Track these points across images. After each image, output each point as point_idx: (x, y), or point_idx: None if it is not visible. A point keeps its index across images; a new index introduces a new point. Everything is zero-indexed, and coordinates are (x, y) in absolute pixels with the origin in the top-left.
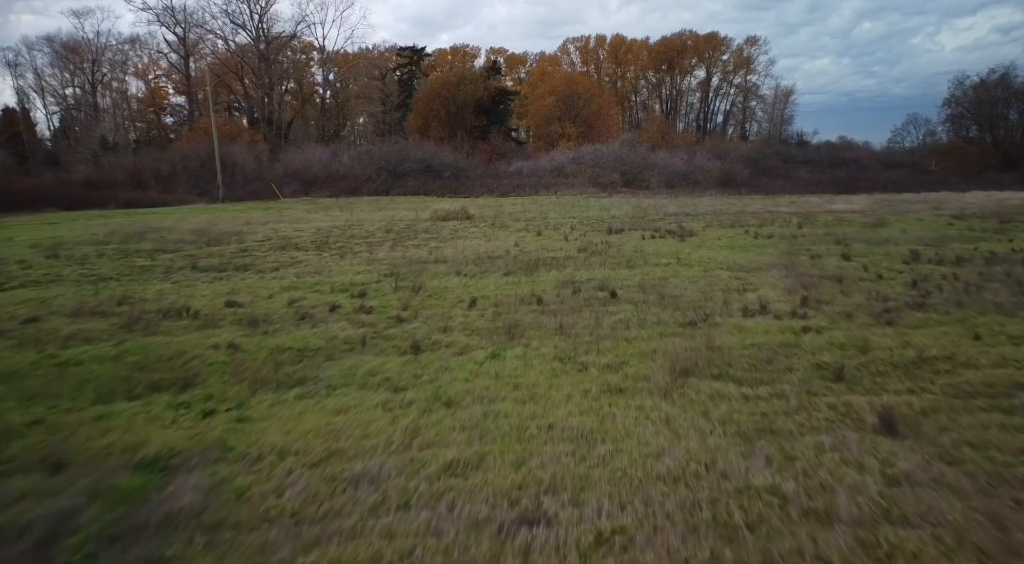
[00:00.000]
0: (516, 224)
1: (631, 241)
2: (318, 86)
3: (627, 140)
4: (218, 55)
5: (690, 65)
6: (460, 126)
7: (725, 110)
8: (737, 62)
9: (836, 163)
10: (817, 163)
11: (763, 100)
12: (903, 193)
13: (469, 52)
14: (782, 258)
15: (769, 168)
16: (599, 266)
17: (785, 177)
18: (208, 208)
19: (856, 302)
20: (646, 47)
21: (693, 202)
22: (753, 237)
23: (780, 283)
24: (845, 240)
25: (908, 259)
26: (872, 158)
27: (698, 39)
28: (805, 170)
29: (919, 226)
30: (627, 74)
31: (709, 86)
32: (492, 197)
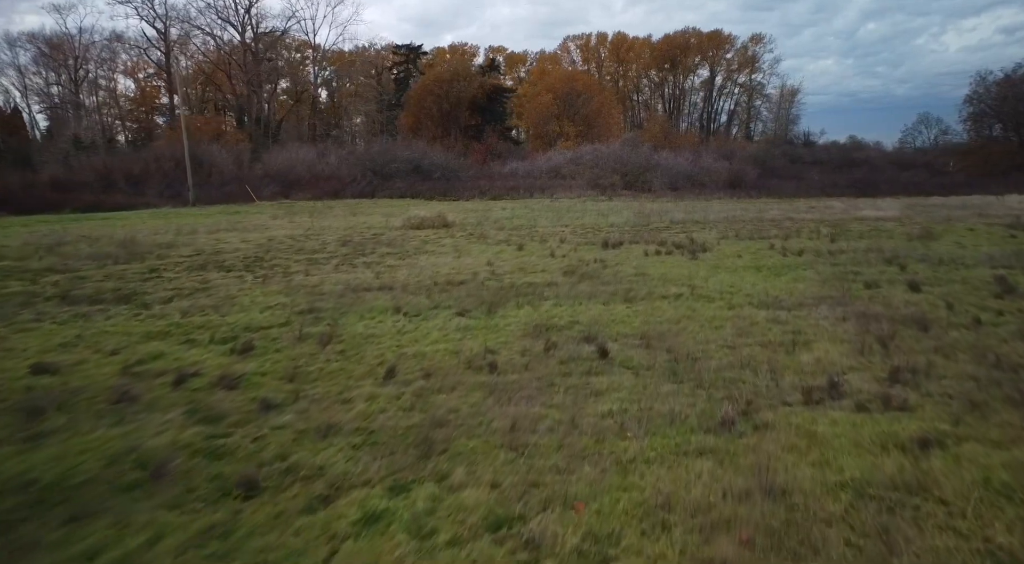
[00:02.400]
0: (498, 234)
1: (631, 259)
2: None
3: (628, 140)
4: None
5: (693, 64)
6: (454, 125)
7: (729, 110)
8: (741, 61)
9: (848, 164)
10: (827, 164)
11: (768, 99)
12: (930, 196)
13: (468, 51)
14: (829, 287)
15: (778, 169)
16: (588, 298)
17: (796, 179)
18: (170, 213)
19: (971, 372)
20: (648, 45)
21: (702, 206)
22: (781, 253)
23: (841, 332)
24: (898, 259)
25: (998, 290)
26: (884, 159)
27: (701, 37)
28: (816, 171)
29: (976, 238)
30: (629, 73)
31: (713, 85)
32: (483, 200)
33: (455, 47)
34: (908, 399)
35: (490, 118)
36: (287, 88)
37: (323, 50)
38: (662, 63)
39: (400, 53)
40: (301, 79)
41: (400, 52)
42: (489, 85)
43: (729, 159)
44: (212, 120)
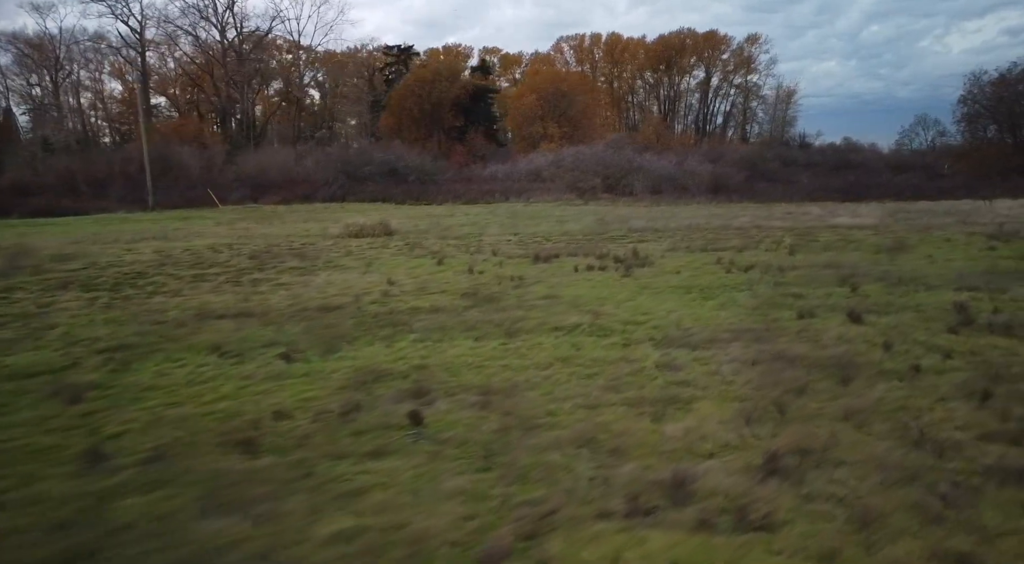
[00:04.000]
0: (434, 245)
1: (554, 277)
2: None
3: (613, 141)
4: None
5: (689, 65)
6: (437, 126)
7: (725, 111)
8: (738, 62)
9: (841, 166)
10: (821, 166)
11: (764, 101)
12: (919, 201)
13: (462, 52)
14: (756, 317)
15: (769, 172)
16: (463, 332)
17: (786, 182)
18: (120, 218)
19: (881, 456)
20: (643, 46)
21: (673, 212)
22: (726, 269)
23: (739, 384)
24: (853, 277)
25: (954, 322)
26: (880, 161)
27: (697, 38)
28: (807, 174)
29: (951, 251)
30: (624, 74)
31: (709, 86)
32: (455, 204)
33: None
34: (777, 509)
35: (475, 119)
36: (279, 89)
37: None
38: (657, 64)
39: (391, 54)
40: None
41: (391, 53)
42: (472, 86)
43: (716, 162)
44: (189, 122)
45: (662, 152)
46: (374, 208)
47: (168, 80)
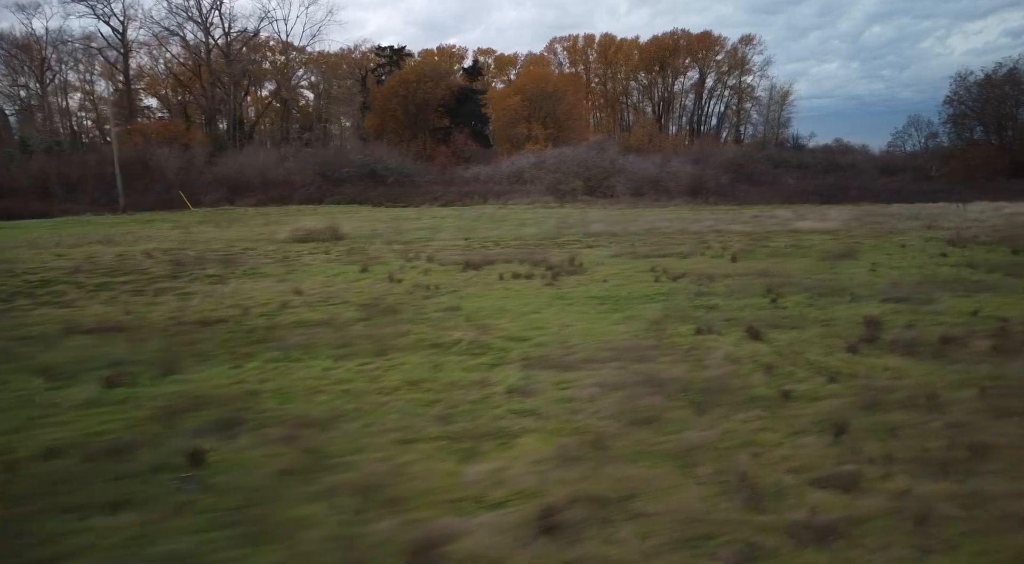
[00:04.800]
0: (377, 250)
1: (471, 287)
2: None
3: (596, 143)
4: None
5: (683, 65)
6: (422, 127)
7: (720, 113)
8: (732, 63)
9: (831, 168)
10: (810, 168)
11: (758, 102)
12: (898, 203)
13: (456, 53)
14: (652, 333)
15: (755, 174)
16: (333, 350)
17: (771, 184)
18: (81, 221)
19: (685, 508)
20: (636, 46)
21: (640, 215)
22: (655, 278)
23: (584, 414)
24: (782, 287)
25: (857, 339)
26: (871, 163)
27: (691, 38)
28: (794, 176)
29: (900, 257)
30: (618, 75)
31: (703, 87)
32: (431, 207)
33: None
34: None
35: (461, 120)
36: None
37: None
38: (651, 65)
39: (383, 55)
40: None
41: (383, 54)
42: (457, 87)
43: (701, 164)
44: (171, 123)
45: (646, 154)
46: (345, 211)
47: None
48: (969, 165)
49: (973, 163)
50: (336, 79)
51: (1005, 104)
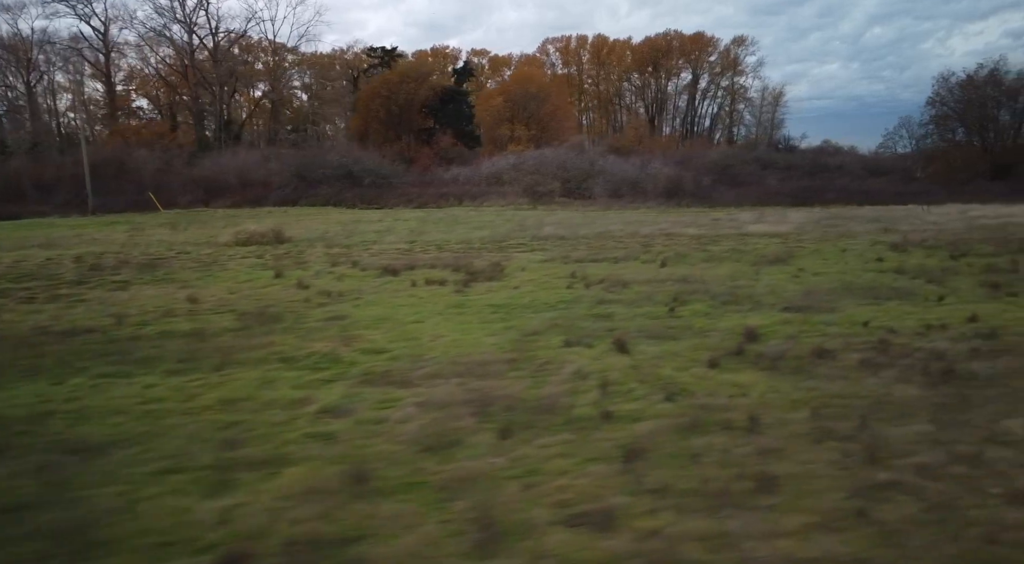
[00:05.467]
0: (311, 254)
1: (375, 293)
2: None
3: (575, 144)
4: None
5: (676, 66)
6: (405, 128)
7: (713, 113)
8: (724, 63)
9: (817, 170)
10: (796, 169)
11: (751, 103)
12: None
13: (450, 53)
14: (520, 344)
15: (741, 175)
16: (174, 364)
17: (752, 185)
18: (42, 223)
19: (414, 551)
20: (629, 47)
21: (602, 218)
22: (568, 285)
23: (382, 439)
24: (689, 295)
25: (727, 351)
26: (859, 164)
27: (684, 39)
28: (777, 177)
29: (833, 262)
30: (611, 76)
31: (696, 88)
32: (404, 209)
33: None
34: None
35: (445, 121)
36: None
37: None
38: (644, 66)
39: (375, 55)
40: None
41: (375, 55)
42: (441, 87)
43: (684, 165)
44: (152, 124)
45: (636, 155)
46: (314, 213)
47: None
48: (951, 167)
49: (955, 165)
50: (327, 80)
51: (987, 105)
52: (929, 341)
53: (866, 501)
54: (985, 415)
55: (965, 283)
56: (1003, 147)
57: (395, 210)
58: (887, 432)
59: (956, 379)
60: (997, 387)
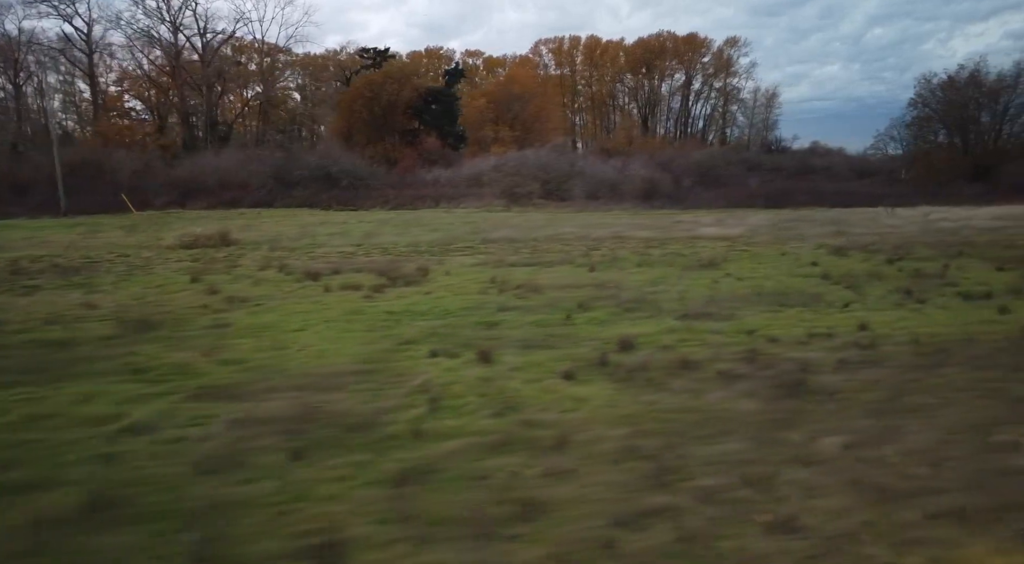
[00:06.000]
0: (250, 257)
1: (282, 300)
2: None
3: (556, 146)
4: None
5: (669, 67)
6: (389, 129)
7: (706, 115)
8: (717, 65)
9: (803, 171)
10: (783, 171)
11: (744, 104)
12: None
13: (444, 55)
14: (389, 353)
15: (722, 177)
16: (11, 375)
17: (732, 187)
18: (7, 226)
19: None
20: (622, 48)
21: (566, 220)
22: (482, 290)
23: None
24: (596, 301)
25: (590, 362)
26: (846, 166)
27: (677, 40)
28: (761, 179)
29: (766, 267)
30: (605, 77)
31: (689, 89)
32: (379, 210)
33: (431, 50)
34: None
35: (431, 122)
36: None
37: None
38: (637, 67)
39: (367, 56)
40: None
41: (366, 56)
42: (424, 88)
43: (666, 167)
44: (135, 124)
45: (617, 156)
46: (288, 214)
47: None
48: (932, 168)
49: (936, 166)
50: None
51: (967, 107)
52: (804, 351)
53: (622, 530)
54: (806, 432)
55: (881, 289)
56: (984, 149)
57: (369, 212)
58: (694, 451)
59: (803, 393)
60: (839, 402)
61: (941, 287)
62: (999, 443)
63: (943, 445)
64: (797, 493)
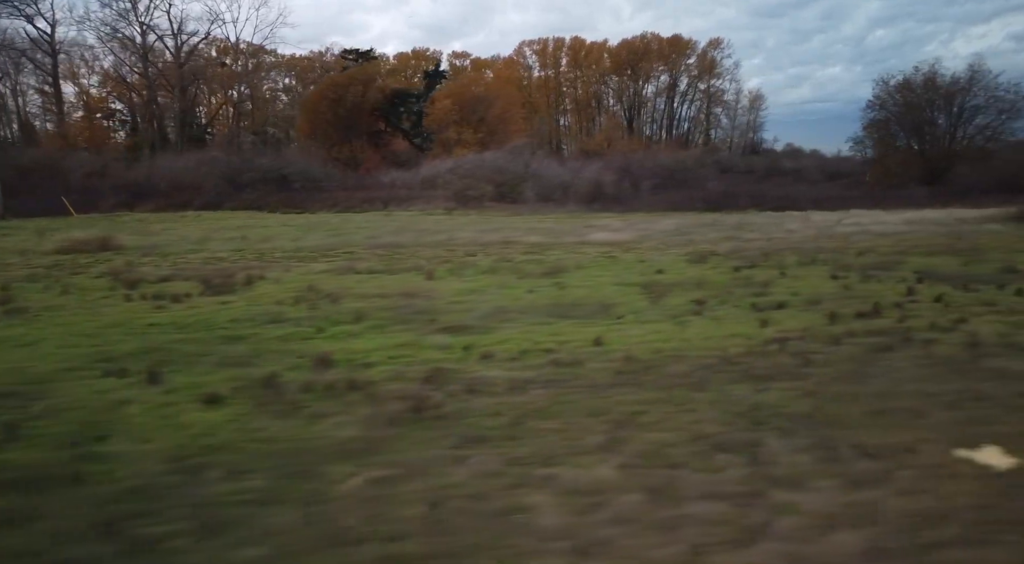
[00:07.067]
0: (110, 263)
1: (63, 311)
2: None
3: (515, 148)
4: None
5: (654, 69)
6: (356, 131)
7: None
8: (701, 66)
9: (772, 174)
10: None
11: (728, 106)
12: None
13: (430, 56)
14: (59, 377)
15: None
16: None
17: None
18: None
19: None
20: (606, 50)
21: (489, 223)
22: (279, 301)
23: None
24: (381, 312)
25: (257, 384)
26: (818, 168)
27: (662, 42)
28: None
29: (609, 274)
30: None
31: (674, 91)
32: (326, 213)
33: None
34: None
35: (397, 124)
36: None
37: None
38: (622, 68)
39: (348, 57)
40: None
41: (349, 57)
42: (390, 90)
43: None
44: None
45: (564, 160)
46: (226, 217)
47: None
48: (889, 171)
49: (892, 169)
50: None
51: (923, 109)
52: (495, 369)
53: None
54: (355, 465)
55: (681, 299)
56: (939, 152)
57: (314, 215)
58: (213, 489)
59: (422, 418)
60: (442, 428)
61: (749, 296)
62: (521, 491)
63: (472, 481)
64: (258, 536)
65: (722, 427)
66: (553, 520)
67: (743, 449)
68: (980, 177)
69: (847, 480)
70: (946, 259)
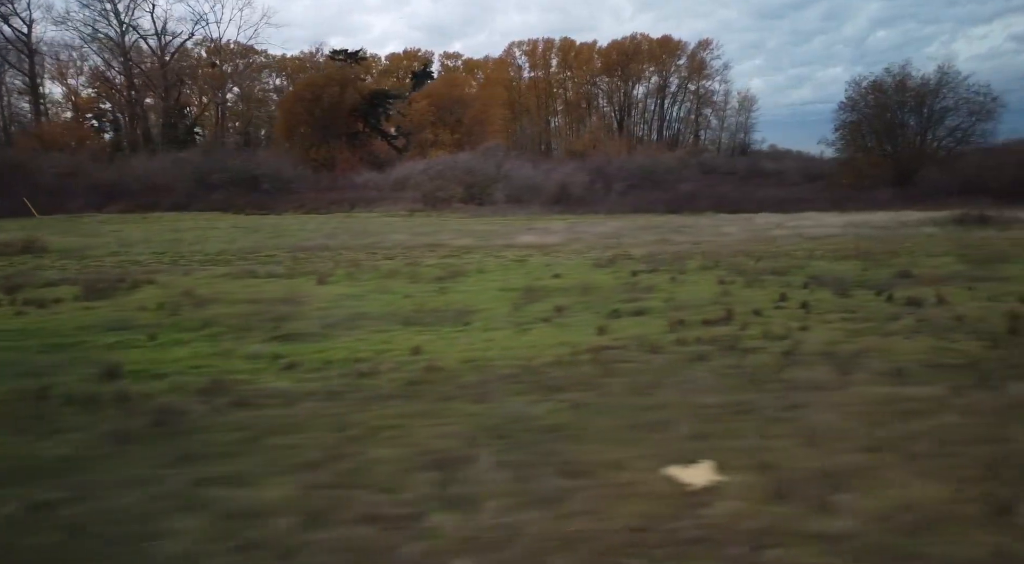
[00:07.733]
0: (22, 267)
1: None
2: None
3: (486, 149)
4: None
5: (645, 70)
6: (333, 132)
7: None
8: (691, 67)
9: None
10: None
11: (717, 107)
12: (720, 213)
13: (421, 57)
14: None
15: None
16: None
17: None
18: None
19: None
20: (596, 51)
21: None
22: (140, 306)
23: None
24: (223, 320)
25: (32, 397)
26: (798, 170)
27: (652, 43)
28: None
29: (503, 278)
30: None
31: (665, 92)
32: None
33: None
34: None
35: (375, 125)
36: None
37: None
38: (613, 70)
39: (337, 58)
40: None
41: (338, 58)
42: (368, 91)
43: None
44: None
45: (536, 162)
46: (188, 218)
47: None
48: (860, 173)
49: (863, 171)
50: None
51: (894, 111)
52: (296, 382)
53: None
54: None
55: (547, 305)
56: (909, 154)
57: (279, 216)
58: None
59: (154, 433)
60: (167, 445)
61: (618, 302)
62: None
63: (139, 503)
64: None
65: (456, 442)
66: (180, 547)
67: (451, 466)
68: (948, 179)
69: (522, 500)
70: (850, 264)
